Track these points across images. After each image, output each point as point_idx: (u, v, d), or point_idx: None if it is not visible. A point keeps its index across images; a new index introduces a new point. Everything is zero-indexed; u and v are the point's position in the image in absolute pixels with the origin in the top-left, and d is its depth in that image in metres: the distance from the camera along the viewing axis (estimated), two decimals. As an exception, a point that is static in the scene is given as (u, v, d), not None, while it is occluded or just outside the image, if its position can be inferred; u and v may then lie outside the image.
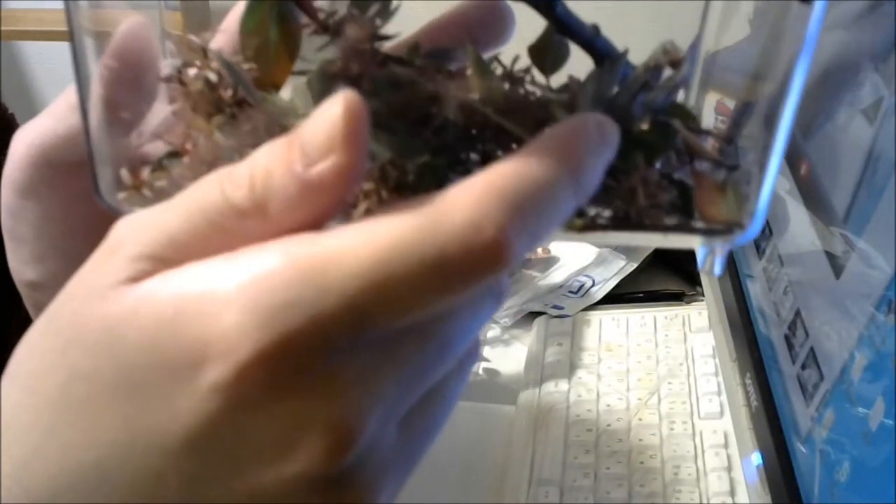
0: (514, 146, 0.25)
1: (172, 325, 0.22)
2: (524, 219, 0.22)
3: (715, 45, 0.28)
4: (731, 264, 0.68)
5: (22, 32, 1.67)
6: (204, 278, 0.22)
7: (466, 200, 0.22)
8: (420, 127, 0.25)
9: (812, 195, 0.58)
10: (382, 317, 0.22)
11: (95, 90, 0.26)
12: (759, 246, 0.65)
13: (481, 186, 0.22)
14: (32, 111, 0.33)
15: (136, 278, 0.23)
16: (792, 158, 0.62)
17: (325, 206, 0.23)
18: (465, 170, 0.25)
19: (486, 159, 0.25)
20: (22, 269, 0.33)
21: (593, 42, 0.26)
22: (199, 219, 0.23)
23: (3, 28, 1.61)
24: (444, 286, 0.22)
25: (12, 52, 1.93)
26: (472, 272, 0.22)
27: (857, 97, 0.55)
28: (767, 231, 0.64)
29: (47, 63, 1.92)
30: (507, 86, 0.25)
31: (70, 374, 0.23)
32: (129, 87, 0.27)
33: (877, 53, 0.53)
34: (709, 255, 0.27)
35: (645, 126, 0.26)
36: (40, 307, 0.33)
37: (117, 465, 0.23)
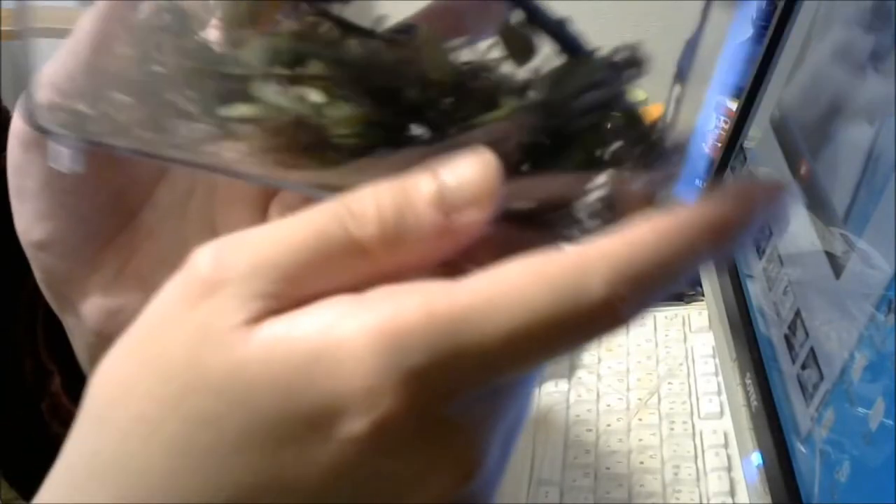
0: (462, 125, 0.25)
1: (307, 376, 0.22)
2: (652, 296, 0.23)
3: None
4: (732, 264, 0.68)
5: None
6: (336, 324, 0.22)
7: (602, 275, 0.22)
8: (372, 97, 0.25)
9: (812, 195, 0.58)
10: (511, 374, 0.23)
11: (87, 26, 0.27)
12: (759, 246, 0.65)
13: (620, 261, 0.22)
14: (32, 111, 0.33)
15: (255, 319, 0.23)
16: (792, 158, 0.62)
17: (448, 251, 0.24)
18: (405, 142, 0.26)
19: (435, 136, 0.26)
20: (28, 229, 0.32)
21: (562, 35, 0.26)
22: (316, 252, 0.23)
23: (2, 28, 1.61)
24: (565, 350, 0.23)
25: (12, 52, 1.93)
26: (589, 340, 0.23)
27: (857, 97, 0.55)
28: (767, 231, 0.64)
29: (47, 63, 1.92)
30: (462, 67, 0.26)
31: (191, 420, 0.23)
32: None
33: (877, 53, 0.53)
34: None
35: (589, 124, 0.26)
36: (48, 269, 0.33)
37: None
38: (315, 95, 0.25)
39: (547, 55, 0.27)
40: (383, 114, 0.25)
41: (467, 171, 0.23)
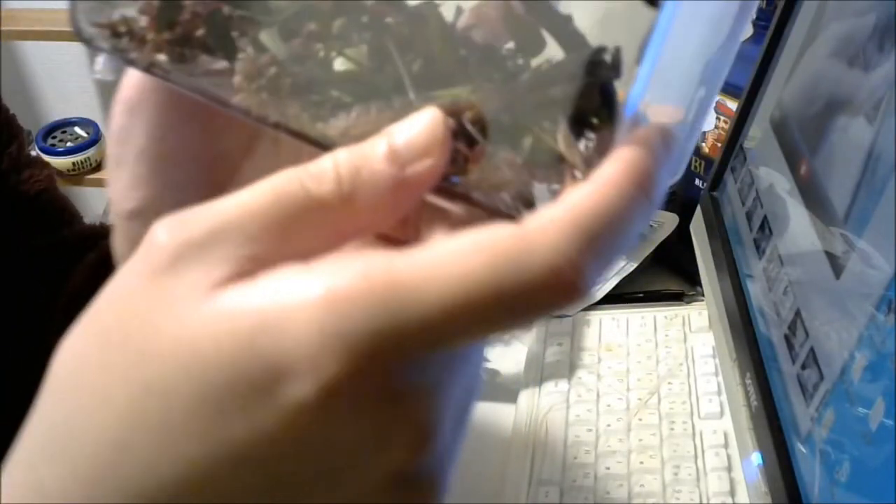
0: (429, 95, 0.26)
1: (251, 342, 0.22)
2: (603, 256, 0.23)
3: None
4: (732, 264, 0.68)
5: (22, 32, 1.68)
6: (281, 293, 0.23)
7: (547, 241, 0.23)
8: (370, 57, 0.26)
9: (812, 195, 0.58)
10: (454, 344, 0.23)
11: None
12: (759, 246, 0.65)
13: (562, 226, 0.23)
14: (32, 111, 0.33)
15: (221, 283, 0.23)
16: (792, 158, 0.62)
17: (406, 204, 0.25)
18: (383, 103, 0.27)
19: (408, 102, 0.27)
20: (121, 198, 0.33)
21: (561, 31, 0.27)
22: (278, 214, 0.24)
23: (3, 28, 1.61)
24: (515, 321, 0.23)
25: (12, 52, 1.93)
26: (546, 310, 0.23)
27: (858, 97, 0.55)
28: (768, 231, 0.64)
29: (47, 63, 1.92)
30: (458, 47, 0.26)
31: (143, 388, 0.23)
32: None
33: (877, 52, 0.53)
34: None
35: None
36: (134, 241, 0.33)
37: (198, 479, 0.23)
38: (318, 47, 0.27)
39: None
40: (376, 76, 0.26)
41: (415, 125, 0.25)
